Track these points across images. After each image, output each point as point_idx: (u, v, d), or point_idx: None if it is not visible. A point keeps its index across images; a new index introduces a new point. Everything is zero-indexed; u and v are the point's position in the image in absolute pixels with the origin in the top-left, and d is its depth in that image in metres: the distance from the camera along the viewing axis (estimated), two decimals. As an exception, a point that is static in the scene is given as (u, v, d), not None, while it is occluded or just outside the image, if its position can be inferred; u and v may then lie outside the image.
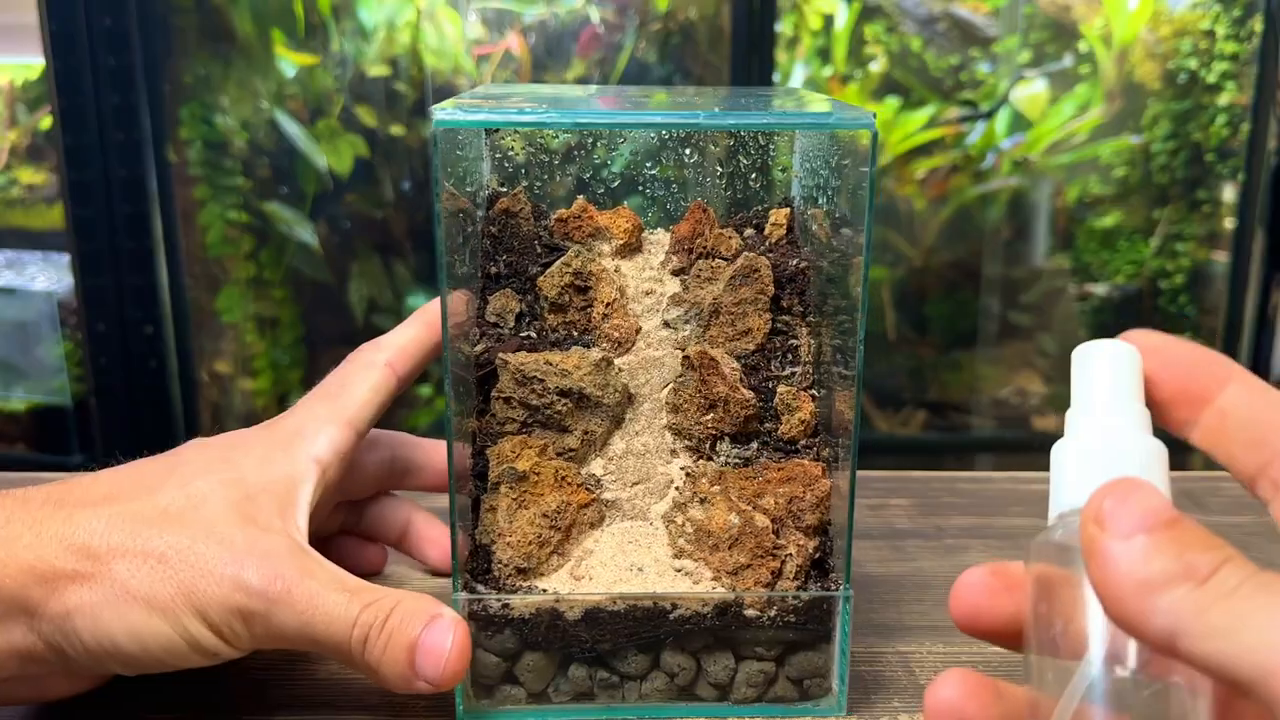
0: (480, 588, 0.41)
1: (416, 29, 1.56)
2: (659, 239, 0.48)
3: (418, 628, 0.38)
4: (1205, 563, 0.22)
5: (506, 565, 0.41)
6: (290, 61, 1.55)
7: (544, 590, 0.41)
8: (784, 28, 1.67)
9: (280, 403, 1.69)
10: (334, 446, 0.42)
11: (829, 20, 1.69)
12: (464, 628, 0.39)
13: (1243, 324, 1.69)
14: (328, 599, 0.38)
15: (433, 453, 0.51)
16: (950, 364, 1.77)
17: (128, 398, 1.52)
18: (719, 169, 0.48)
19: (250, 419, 1.69)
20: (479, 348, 0.44)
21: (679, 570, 0.42)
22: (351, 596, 0.38)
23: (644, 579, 0.41)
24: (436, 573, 0.52)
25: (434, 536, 0.51)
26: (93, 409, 1.53)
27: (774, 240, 0.47)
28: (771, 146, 0.49)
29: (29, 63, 1.59)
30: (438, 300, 0.48)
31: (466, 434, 0.43)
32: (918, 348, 1.77)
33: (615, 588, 0.41)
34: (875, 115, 0.38)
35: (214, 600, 0.37)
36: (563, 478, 0.42)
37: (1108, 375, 0.26)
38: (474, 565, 0.42)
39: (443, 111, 0.37)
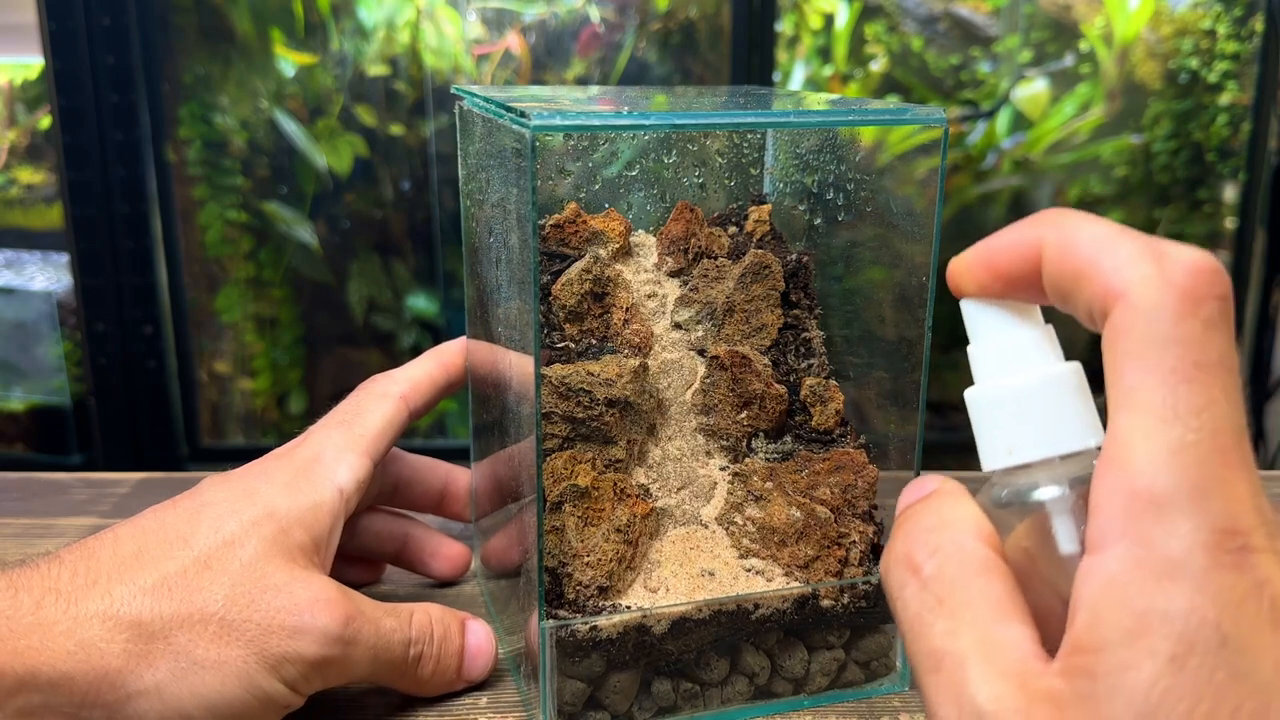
0: (561, 613, 0.39)
1: (416, 28, 1.56)
2: (643, 240, 0.47)
3: (459, 635, 0.41)
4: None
5: (588, 586, 0.39)
6: (290, 61, 1.55)
7: (628, 608, 0.39)
8: (784, 27, 1.67)
9: (279, 403, 1.68)
10: (355, 476, 0.41)
11: (829, 19, 1.69)
12: (486, 624, 0.43)
13: (1243, 324, 1.69)
14: (384, 626, 0.39)
15: (422, 469, 0.50)
16: (950, 364, 1.77)
17: (127, 397, 1.52)
18: (696, 170, 0.48)
19: (250, 419, 1.68)
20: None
21: (749, 570, 0.42)
22: (399, 619, 0.39)
23: (718, 583, 0.41)
24: (443, 584, 0.52)
25: (436, 548, 0.50)
26: (92, 409, 1.53)
27: (759, 236, 0.47)
28: (745, 145, 0.49)
29: (28, 62, 1.59)
30: (454, 343, 0.48)
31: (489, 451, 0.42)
32: (918, 347, 1.76)
33: (695, 596, 0.40)
34: (945, 110, 0.39)
35: (289, 654, 0.36)
36: (622, 490, 0.41)
37: (993, 311, 0.26)
38: (546, 590, 0.40)
39: (539, 116, 0.35)
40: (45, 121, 1.60)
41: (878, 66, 1.71)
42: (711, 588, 0.41)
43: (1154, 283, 0.21)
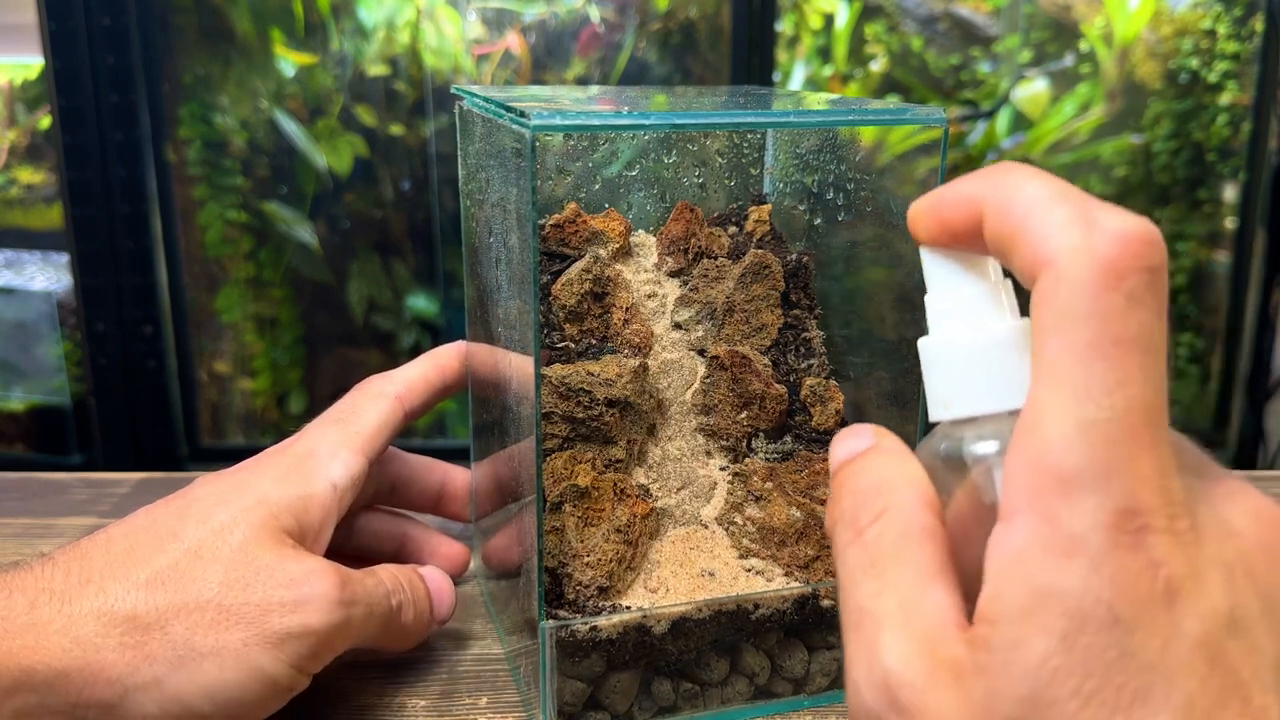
0: (561, 613, 0.39)
1: (416, 28, 1.56)
2: (643, 240, 0.47)
3: (420, 581, 0.43)
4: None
5: (588, 586, 0.39)
6: (290, 61, 1.55)
7: (628, 608, 0.39)
8: (784, 27, 1.67)
9: (279, 403, 1.68)
10: (349, 472, 0.42)
11: (829, 19, 1.69)
12: (436, 568, 0.45)
13: (1244, 324, 1.69)
14: (369, 584, 0.40)
15: (419, 469, 0.50)
16: (951, 364, 1.77)
17: (127, 398, 1.52)
18: (696, 170, 0.48)
19: (250, 419, 1.68)
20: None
21: (749, 570, 0.42)
22: (374, 576, 0.41)
23: (718, 583, 0.41)
24: None
25: (435, 547, 0.50)
26: (92, 409, 1.53)
27: (759, 236, 0.47)
28: (745, 145, 0.49)
29: (28, 62, 1.59)
30: (450, 346, 0.48)
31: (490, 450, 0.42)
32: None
33: (695, 596, 0.40)
34: (945, 110, 0.39)
35: (293, 629, 0.36)
36: (622, 490, 0.41)
37: (947, 262, 0.25)
38: (546, 590, 0.40)
39: (539, 116, 0.34)
40: (45, 121, 1.60)
41: (878, 66, 1.71)
42: (711, 588, 0.41)
43: (1079, 253, 0.21)
